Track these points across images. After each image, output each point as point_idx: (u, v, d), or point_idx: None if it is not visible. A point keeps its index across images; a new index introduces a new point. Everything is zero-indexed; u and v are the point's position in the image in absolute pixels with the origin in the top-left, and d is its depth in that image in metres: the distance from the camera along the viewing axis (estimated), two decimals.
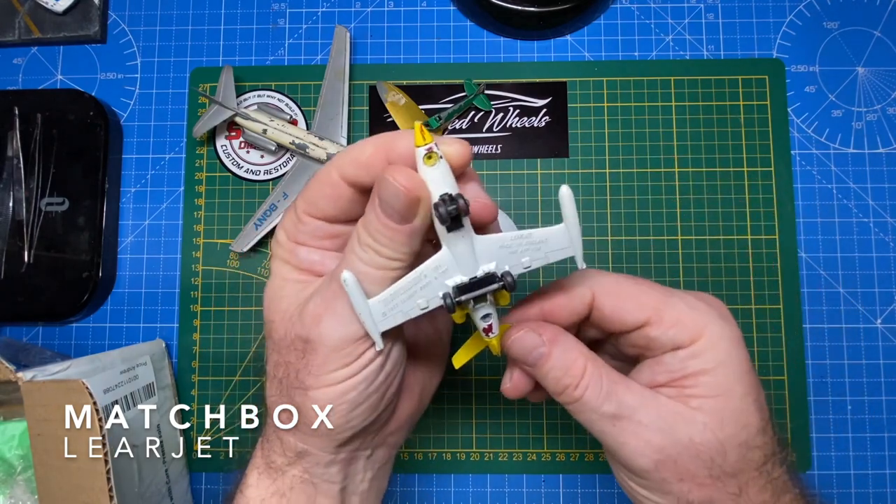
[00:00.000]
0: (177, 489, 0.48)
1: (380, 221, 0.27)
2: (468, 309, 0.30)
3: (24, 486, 0.40)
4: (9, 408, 0.43)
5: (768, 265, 0.51)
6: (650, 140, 0.53)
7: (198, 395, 0.51)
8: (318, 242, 0.31)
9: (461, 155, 0.28)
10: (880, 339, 0.50)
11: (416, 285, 0.28)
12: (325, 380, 0.29)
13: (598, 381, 0.29)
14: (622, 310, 0.30)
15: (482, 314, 0.30)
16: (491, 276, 0.28)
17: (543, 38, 0.55)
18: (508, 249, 0.29)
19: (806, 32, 0.54)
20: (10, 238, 0.51)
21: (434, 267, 0.28)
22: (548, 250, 0.29)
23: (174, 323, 0.52)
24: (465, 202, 0.26)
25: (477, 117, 0.53)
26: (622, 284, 0.31)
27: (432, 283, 0.28)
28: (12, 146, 0.52)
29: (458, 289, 0.28)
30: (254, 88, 0.54)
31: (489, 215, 0.29)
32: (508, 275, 0.29)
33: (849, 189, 0.52)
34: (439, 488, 0.50)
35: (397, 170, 0.26)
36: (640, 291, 0.30)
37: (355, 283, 0.28)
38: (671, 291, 0.31)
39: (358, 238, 0.28)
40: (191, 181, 0.53)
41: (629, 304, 0.30)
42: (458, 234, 0.27)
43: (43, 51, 0.55)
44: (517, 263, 0.29)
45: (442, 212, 0.26)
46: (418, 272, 0.28)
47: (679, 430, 0.28)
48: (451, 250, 0.28)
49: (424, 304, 0.29)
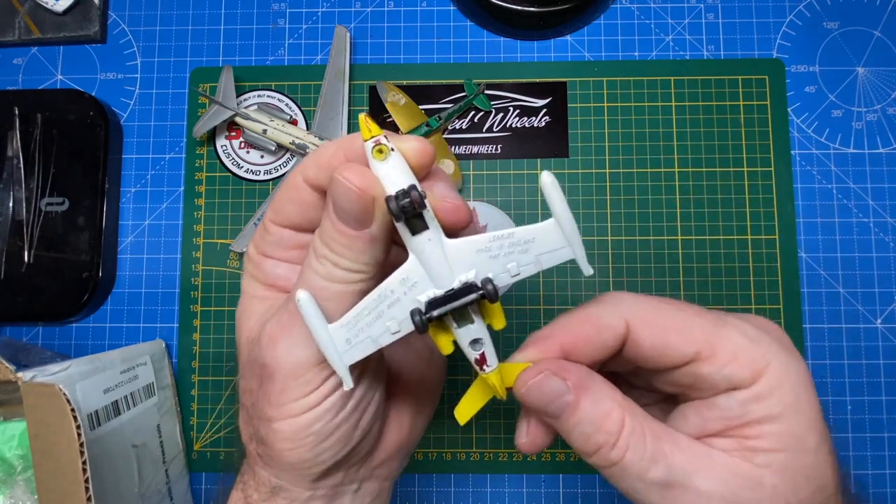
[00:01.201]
0: (177, 489, 0.48)
1: (335, 228, 0.24)
2: (450, 331, 0.25)
3: (24, 486, 0.40)
4: (9, 408, 0.43)
5: (768, 265, 0.51)
6: (650, 140, 0.53)
7: (198, 395, 0.51)
8: (284, 254, 0.28)
9: (418, 152, 0.24)
10: (880, 339, 0.50)
11: (383, 303, 0.24)
12: (285, 410, 0.26)
13: (641, 440, 0.24)
14: (666, 344, 0.25)
15: (470, 339, 0.25)
16: (469, 286, 0.24)
17: (543, 38, 0.55)
18: (488, 253, 0.24)
19: (806, 32, 0.54)
20: (10, 238, 0.51)
21: (401, 280, 0.24)
22: (538, 252, 0.24)
23: (174, 323, 0.52)
24: (420, 193, 0.22)
25: (477, 117, 0.53)
26: (663, 311, 0.25)
27: (402, 300, 0.24)
28: (12, 146, 0.52)
29: (429, 304, 0.24)
30: (254, 88, 0.54)
31: (460, 219, 0.25)
32: (489, 282, 0.24)
33: (849, 189, 0.52)
34: (439, 488, 0.50)
35: (348, 167, 0.23)
36: (685, 320, 0.25)
37: (311, 304, 0.24)
38: (722, 318, 0.25)
39: (314, 250, 0.25)
40: (191, 181, 0.53)
41: (674, 336, 0.25)
42: (423, 237, 0.23)
43: (43, 51, 0.55)
44: (502, 271, 0.24)
45: (393, 206, 0.22)
46: (383, 287, 0.24)
47: (744, 498, 0.23)
48: (420, 258, 0.24)
49: (396, 326, 0.24)
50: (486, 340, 0.25)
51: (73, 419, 0.34)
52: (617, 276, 0.51)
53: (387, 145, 0.23)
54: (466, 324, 0.25)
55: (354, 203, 0.23)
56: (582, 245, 0.24)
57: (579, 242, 0.24)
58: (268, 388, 0.26)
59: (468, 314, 0.25)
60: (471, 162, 0.53)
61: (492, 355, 0.26)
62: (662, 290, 0.51)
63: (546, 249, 0.24)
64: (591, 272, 0.25)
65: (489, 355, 0.26)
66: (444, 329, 0.25)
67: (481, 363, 0.26)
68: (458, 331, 0.25)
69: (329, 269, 0.24)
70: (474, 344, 0.25)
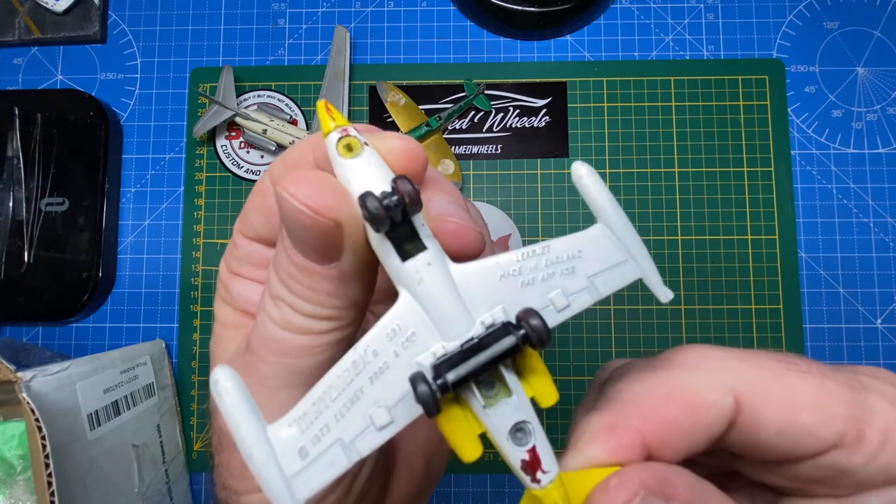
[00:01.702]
0: (177, 489, 0.48)
1: (291, 261, 0.17)
2: (472, 414, 0.16)
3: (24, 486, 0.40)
4: (9, 408, 0.43)
5: (768, 265, 0.51)
6: (650, 140, 0.53)
7: (198, 395, 0.51)
8: (255, 273, 0.22)
9: (401, 153, 0.17)
10: (880, 339, 0.50)
11: (361, 376, 0.15)
12: (251, 484, 0.21)
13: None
14: (798, 426, 0.17)
15: (510, 424, 0.16)
16: (499, 328, 0.16)
17: (543, 38, 0.55)
18: (518, 279, 0.16)
19: (806, 32, 0.54)
20: (10, 238, 0.51)
21: (388, 334, 0.16)
22: (590, 273, 0.17)
23: (174, 323, 0.52)
24: (415, 189, 0.15)
25: (477, 117, 0.53)
26: (783, 377, 0.18)
27: (392, 367, 0.16)
28: (12, 146, 0.52)
29: (439, 365, 0.15)
30: (254, 88, 0.54)
31: (468, 244, 0.18)
32: (534, 315, 0.16)
33: (849, 189, 0.52)
34: (439, 488, 0.50)
35: (293, 177, 0.16)
36: (817, 387, 0.18)
37: (234, 391, 0.15)
38: (857, 380, 0.18)
39: (269, 289, 0.18)
40: (191, 181, 0.53)
41: (807, 414, 0.17)
42: (420, 262, 0.16)
43: (43, 51, 0.55)
44: (543, 304, 0.16)
45: (373, 207, 0.15)
46: (361, 349, 0.16)
47: None
48: (416, 295, 0.16)
49: (385, 416, 0.15)
50: (535, 425, 0.16)
51: (38, 430, 0.33)
52: None
53: (357, 138, 0.17)
54: (500, 397, 0.16)
55: (309, 230, 0.16)
56: (650, 257, 0.17)
57: (646, 254, 0.17)
58: (229, 457, 0.21)
59: (499, 380, 0.16)
60: (471, 162, 0.53)
61: (547, 452, 0.16)
62: None
63: (600, 268, 0.17)
64: (669, 297, 0.17)
65: (544, 453, 0.16)
66: (463, 413, 0.16)
67: (533, 469, 0.16)
68: (489, 411, 0.16)
69: (287, 315, 0.18)
70: (516, 434, 0.16)
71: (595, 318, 0.51)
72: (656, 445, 0.17)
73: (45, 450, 0.33)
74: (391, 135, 0.18)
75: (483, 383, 0.16)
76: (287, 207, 0.16)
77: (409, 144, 0.18)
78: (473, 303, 0.16)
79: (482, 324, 0.16)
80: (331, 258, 0.17)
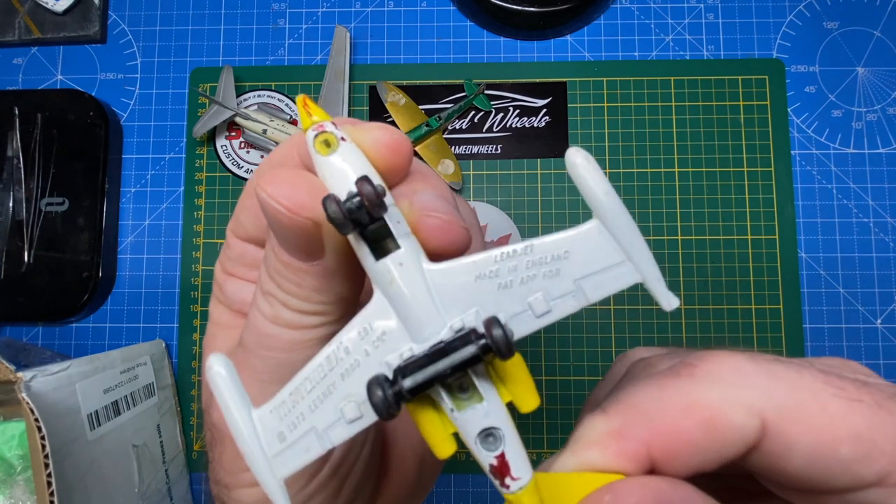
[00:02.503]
0: (177, 489, 0.48)
1: (278, 259, 0.18)
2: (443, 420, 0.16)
3: (24, 486, 0.40)
4: (9, 408, 0.43)
5: (768, 265, 0.51)
6: (650, 140, 0.53)
7: (198, 395, 0.51)
8: (248, 273, 0.22)
9: (382, 144, 0.17)
10: (880, 339, 0.50)
11: (333, 372, 0.16)
12: (242, 479, 0.21)
13: None
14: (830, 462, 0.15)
15: (478, 430, 0.16)
16: (466, 334, 0.15)
17: (543, 38, 0.55)
18: (496, 281, 0.16)
19: (806, 32, 0.54)
20: (10, 238, 0.51)
21: (360, 332, 0.16)
22: (578, 275, 0.15)
23: (174, 323, 0.52)
24: (377, 188, 0.15)
25: (477, 117, 0.53)
26: (828, 408, 0.15)
27: (363, 365, 0.16)
28: (12, 146, 0.52)
29: (400, 369, 0.15)
30: (254, 88, 0.54)
31: (451, 242, 0.17)
32: (495, 324, 0.15)
33: (849, 189, 0.52)
34: (439, 488, 0.50)
35: (271, 177, 0.16)
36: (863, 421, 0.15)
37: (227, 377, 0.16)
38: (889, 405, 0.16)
39: (260, 284, 0.19)
40: (191, 181, 0.53)
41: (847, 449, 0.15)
42: (392, 261, 0.16)
43: (43, 51, 0.55)
44: (521, 309, 0.16)
45: (333, 211, 0.15)
46: (334, 346, 0.16)
47: None
48: (388, 294, 0.16)
49: (354, 410, 0.16)
50: (509, 432, 0.16)
51: (38, 430, 0.33)
52: None
53: (334, 134, 0.16)
54: (470, 402, 0.16)
55: (287, 228, 0.16)
56: (653, 259, 0.15)
57: (648, 255, 0.15)
58: (220, 452, 0.21)
59: (471, 384, 0.16)
60: (471, 162, 0.53)
61: (519, 460, 0.16)
62: None
63: (591, 270, 0.15)
64: (674, 305, 0.16)
65: (514, 459, 0.15)
66: (436, 412, 0.16)
67: (501, 474, 0.15)
68: (457, 415, 0.16)
69: (277, 310, 0.18)
70: (486, 440, 0.16)
71: (595, 319, 0.51)
72: (663, 459, 0.16)
73: (45, 450, 0.33)
74: (374, 126, 0.17)
75: (455, 386, 0.16)
76: (265, 206, 0.16)
77: (392, 135, 0.17)
78: (447, 305, 0.16)
79: (451, 328, 0.16)
80: (313, 255, 0.17)
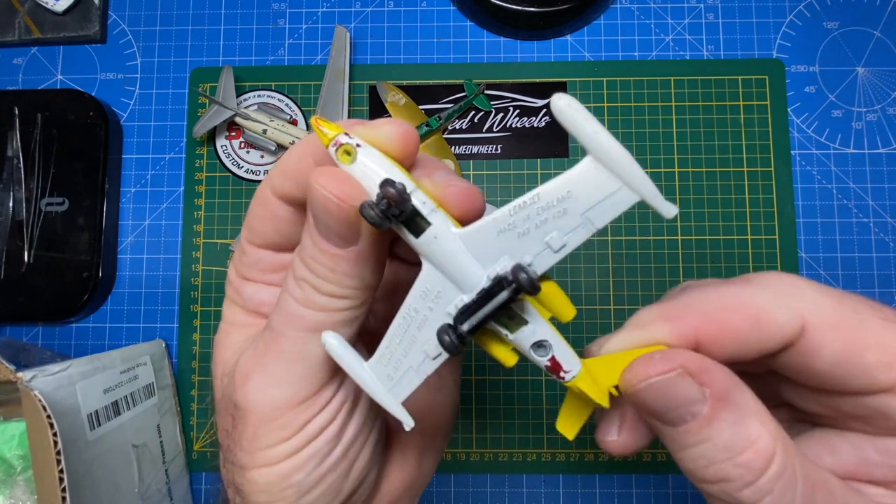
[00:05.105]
0: (177, 489, 0.48)
1: (316, 246, 0.20)
2: (504, 341, 0.21)
3: (24, 486, 0.40)
4: (9, 408, 0.43)
5: (768, 265, 0.51)
6: (650, 140, 0.53)
7: (198, 395, 0.51)
8: (264, 277, 0.25)
9: (395, 137, 0.20)
10: None
11: (411, 327, 0.20)
12: (259, 457, 0.22)
13: (790, 487, 0.17)
14: (858, 364, 0.18)
15: (531, 344, 0.20)
16: (499, 280, 0.19)
17: (543, 38, 0.55)
18: (514, 231, 0.19)
19: (806, 32, 0.54)
20: (10, 238, 0.51)
21: (421, 294, 0.20)
22: (582, 210, 0.19)
23: (174, 323, 0.52)
24: (399, 187, 0.18)
25: (477, 117, 0.53)
26: (860, 314, 0.18)
27: (430, 318, 0.20)
28: (12, 146, 0.52)
29: (458, 316, 0.20)
30: (254, 88, 0.54)
31: (474, 205, 0.21)
32: (521, 270, 0.18)
33: (849, 189, 0.52)
34: (439, 488, 0.50)
35: (323, 172, 0.19)
36: (892, 336, 0.18)
37: (341, 344, 0.21)
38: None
39: (293, 271, 0.21)
40: (191, 181, 0.53)
41: (873, 355, 0.18)
42: (428, 236, 0.19)
43: (43, 51, 0.55)
44: (541, 248, 0.19)
45: (371, 216, 0.18)
46: (405, 308, 0.21)
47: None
48: (433, 262, 0.20)
49: (434, 350, 0.20)
50: (555, 340, 0.20)
51: (50, 426, 0.33)
52: (617, 277, 0.51)
53: (350, 143, 0.19)
54: (519, 326, 0.20)
55: (334, 215, 0.19)
56: (647, 178, 0.18)
57: (641, 174, 0.18)
58: (240, 432, 0.23)
59: (515, 314, 0.20)
60: (471, 162, 0.53)
61: (568, 357, 0.20)
62: (662, 290, 0.51)
63: (593, 201, 0.19)
64: (674, 212, 0.19)
65: (563, 358, 0.20)
66: (497, 338, 0.21)
67: (556, 370, 0.20)
68: (511, 337, 0.20)
69: (309, 294, 0.21)
70: (538, 349, 0.20)
71: (595, 319, 0.51)
72: (707, 343, 0.19)
73: (57, 446, 0.33)
74: (381, 122, 0.20)
75: (505, 317, 0.20)
76: (317, 196, 0.19)
77: (400, 127, 0.20)
78: (481, 258, 0.19)
79: (488, 277, 0.19)
80: (350, 241, 0.20)
